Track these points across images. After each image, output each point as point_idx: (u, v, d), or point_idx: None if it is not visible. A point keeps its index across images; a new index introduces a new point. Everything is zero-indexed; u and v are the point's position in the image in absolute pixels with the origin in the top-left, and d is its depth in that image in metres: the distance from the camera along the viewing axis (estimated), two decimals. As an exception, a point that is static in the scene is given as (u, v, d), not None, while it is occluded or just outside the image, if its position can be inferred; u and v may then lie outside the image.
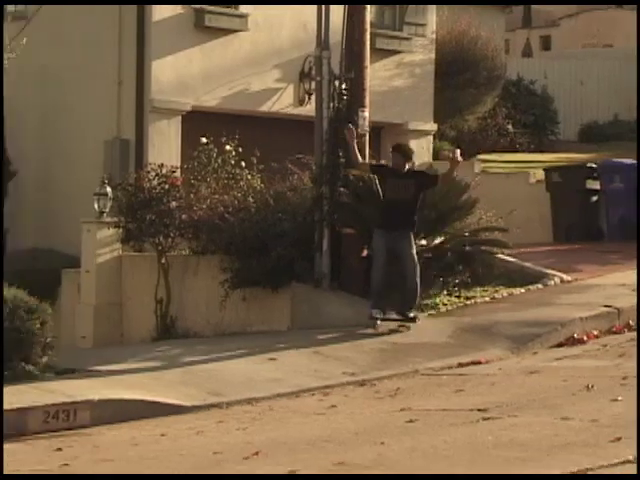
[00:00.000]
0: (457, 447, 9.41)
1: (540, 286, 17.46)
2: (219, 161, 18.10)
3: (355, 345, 15.12)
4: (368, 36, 17.35)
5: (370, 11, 17.51)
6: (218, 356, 14.73)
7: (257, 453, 9.76)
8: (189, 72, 20.68)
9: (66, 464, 10.02)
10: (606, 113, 33.32)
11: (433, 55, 24.41)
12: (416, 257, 15.31)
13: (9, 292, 14.19)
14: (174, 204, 17.48)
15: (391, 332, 15.34)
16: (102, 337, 17.84)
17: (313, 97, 18.60)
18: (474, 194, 17.05)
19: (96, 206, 18.21)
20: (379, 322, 15.33)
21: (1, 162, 13.12)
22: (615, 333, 15.15)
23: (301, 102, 21.84)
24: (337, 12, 16.95)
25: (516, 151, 28.93)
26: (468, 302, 16.93)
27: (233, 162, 18.08)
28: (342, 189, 16.82)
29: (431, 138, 24.62)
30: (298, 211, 16.88)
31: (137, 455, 10.49)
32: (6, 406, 12.20)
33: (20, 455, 10.86)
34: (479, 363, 13.86)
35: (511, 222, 17.17)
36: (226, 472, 9.11)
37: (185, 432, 11.37)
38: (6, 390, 13.03)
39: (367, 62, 17.28)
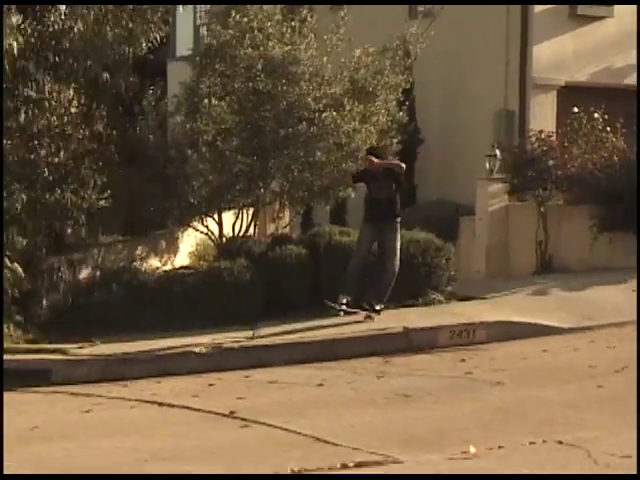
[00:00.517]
0: None
1: None
2: (588, 127, 17.87)
3: None
4: None
5: None
6: (588, 287, 14.67)
7: (624, 368, 9.75)
8: (563, 53, 20.45)
9: (469, 372, 10.31)
10: None
11: None
12: (398, 252, 13.46)
13: (419, 235, 14.61)
14: (551, 162, 17.44)
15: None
16: (492, 271, 18.01)
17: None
18: None
19: (487, 165, 18.38)
20: (344, 307, 13.22)
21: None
22: None
23: (658, 75, 21.20)
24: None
25: None
26: None
27: (600, 127, 17.83)
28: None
29: None
30: (657, 167, 16.57)
31: (525, 366, 10.67)
32: (419, 324, 12.67)
33: (432, 364, 11.24)
34: None
35: None
36: (599, 383, 9.16)
37: (563, 349, 11.44)
38: (419, 312, 13.51)
39: None
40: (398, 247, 13.50)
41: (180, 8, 15.04)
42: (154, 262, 16.22)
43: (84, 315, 13.68)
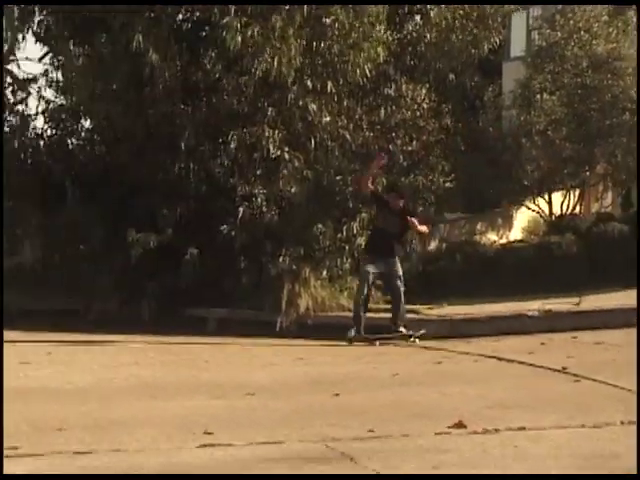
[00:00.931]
0: None
1: None
2: None
3: None
4: None
5: None
6: None
7: None
8: None
9: None
10: None
11: None
12: (402, 278, 11.99)
13: None
14: None
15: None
16: None
17: None
18: None
19: None
20: (351, 339, 11.66)
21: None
22: None
23: None
24: None
25: None
26: None
27: None
28: None
29: None
30: None
31: None
32: None
33: None
34: None
35: None
36: None
37: None
38: None
39: None
40: (401, 272, 12.06)
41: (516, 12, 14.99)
42: (491, 236, 16.33)
43: (432, 281, 13.95)
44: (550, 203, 16.15)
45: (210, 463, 5.31)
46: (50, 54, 15.22)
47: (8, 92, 15.41)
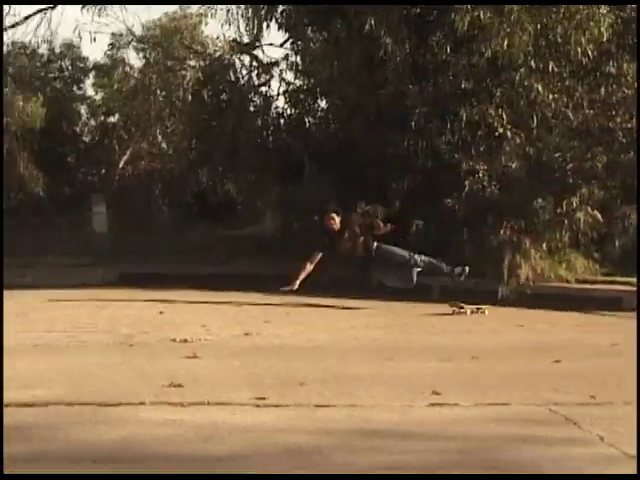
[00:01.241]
0: None
1: None
2: None
3: None
4: None
5: None
6: None
7: None
8: None
9: None
10: None
11: None
12: (403, 252, 11.69)
13: None
14: None
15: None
16: None
17: None
18: None
19: None
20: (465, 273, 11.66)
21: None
22: None
23: None
24: None
25: None
26: None
27: None
28: None
29: None
30: None
31: None
32: None
33: None
34: None
35: None
36: None
37: None
38: None
39: None
40: (398, 250, 11.74)
41: None
42: None
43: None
44: None
45: (440, 421, 5.35)
46: (290, 40, 15.61)
47: (253, 75, 15.95)
